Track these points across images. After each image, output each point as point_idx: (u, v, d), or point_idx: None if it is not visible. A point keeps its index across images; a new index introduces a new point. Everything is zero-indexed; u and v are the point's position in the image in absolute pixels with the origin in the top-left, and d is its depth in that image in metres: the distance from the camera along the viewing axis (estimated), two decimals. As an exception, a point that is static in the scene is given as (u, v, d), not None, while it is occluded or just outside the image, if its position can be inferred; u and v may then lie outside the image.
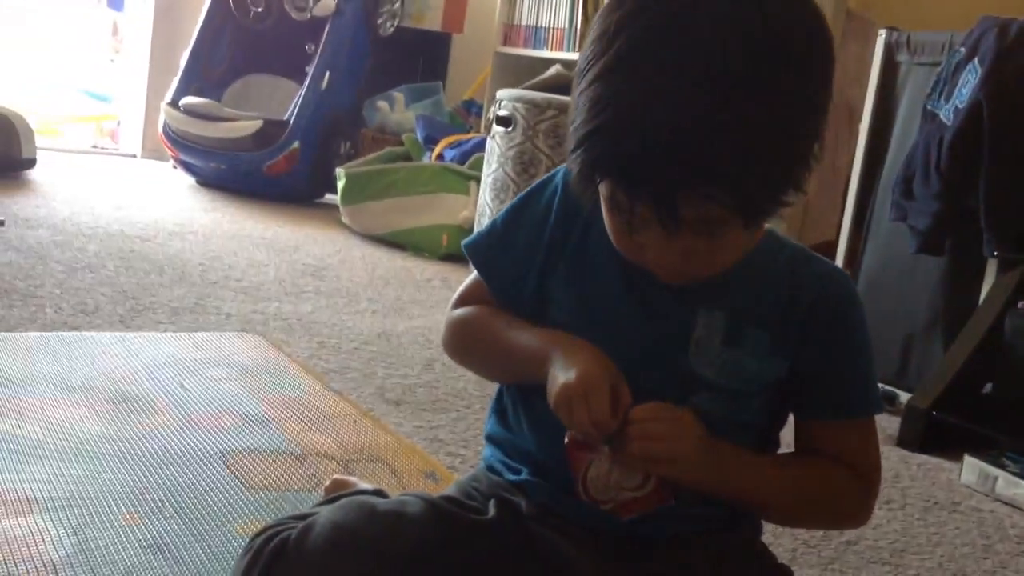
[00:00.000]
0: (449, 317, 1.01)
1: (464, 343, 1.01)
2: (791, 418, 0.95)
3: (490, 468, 0.99)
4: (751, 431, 0.91)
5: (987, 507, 1.72)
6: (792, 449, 0.94)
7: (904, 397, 2.17)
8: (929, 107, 2.17)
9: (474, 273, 1.00)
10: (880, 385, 2.23)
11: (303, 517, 0.91)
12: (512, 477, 0.94)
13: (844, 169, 3.86)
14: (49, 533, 1.09)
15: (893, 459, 1.90)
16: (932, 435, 1.97)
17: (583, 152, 0.76)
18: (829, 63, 0.76)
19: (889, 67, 2.38)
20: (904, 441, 1.99)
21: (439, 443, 1.59)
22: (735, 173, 0.72)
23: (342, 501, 0.92)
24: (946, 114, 2.12)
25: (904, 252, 2.25)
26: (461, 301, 1.01)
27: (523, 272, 0.94)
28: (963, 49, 2.12)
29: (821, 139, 0.76)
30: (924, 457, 1.94)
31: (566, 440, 0.86)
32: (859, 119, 2.93)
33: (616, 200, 0.77)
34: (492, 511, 0.92)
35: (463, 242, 1.01)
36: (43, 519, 1.12)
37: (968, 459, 1.81)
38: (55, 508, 1.15)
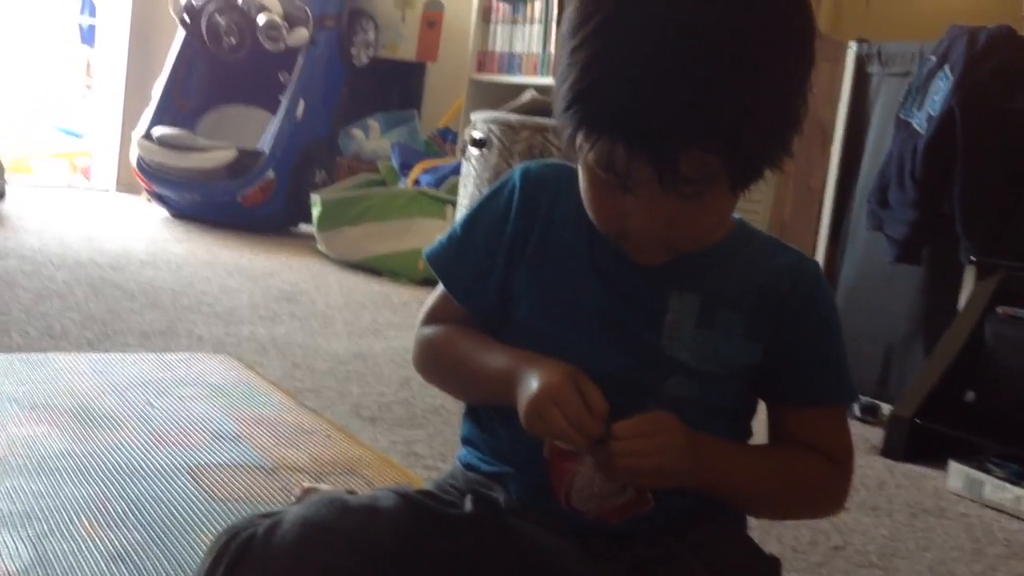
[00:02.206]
0: (418, 335, 0.99)
1: (433, 365, 0.99)
2: (762, 406, 0.93)
3: (467, 466, 0.96)
4: (725, 417, 0.89)
5: (974, 512, 1.69)
6: (764, 438, 0.92)
7: (886, 409, 2.15)
8: (902, 116, 2.18)
9: (440, 286, 0.97)
10: (861, 397, 2.23)
11: (270, 515, 0.87)
12: (489, 468, 0.91)
13: (818, 189, 3.87)
14: (6, 545, 1.05)
15: (878, 468, 1.88)
16: (916, 444, 1.95)
17: (579, 108, 0.74)
18: (812, 27, 0.76)
19: (860, 79, 2.39)
20: (888, 451, 1.96)
21: (416, 457, 1.55)
22: (737, 126, 0.71)
23: (312, 498, 0.88)
24: (919, 122, 2.12)
25: (881, 262, 2.24)
26: (430, 317, 0.98)
27: (485, 274, 0.92)
28: (934, 58, 2.13)
29: (807, 103, 0.75)
30: (909, 466, 1.92)
31: (546, 452, 0.83)
32: (832, 139, 2.94)
33: (611, 160, 0.74)
34: (469, 505, 0.89)
35: (424, 252, 0.98)
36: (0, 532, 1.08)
37: (954, 465, 1.79)
38: (13, 522, 1.11)
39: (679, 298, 0.86)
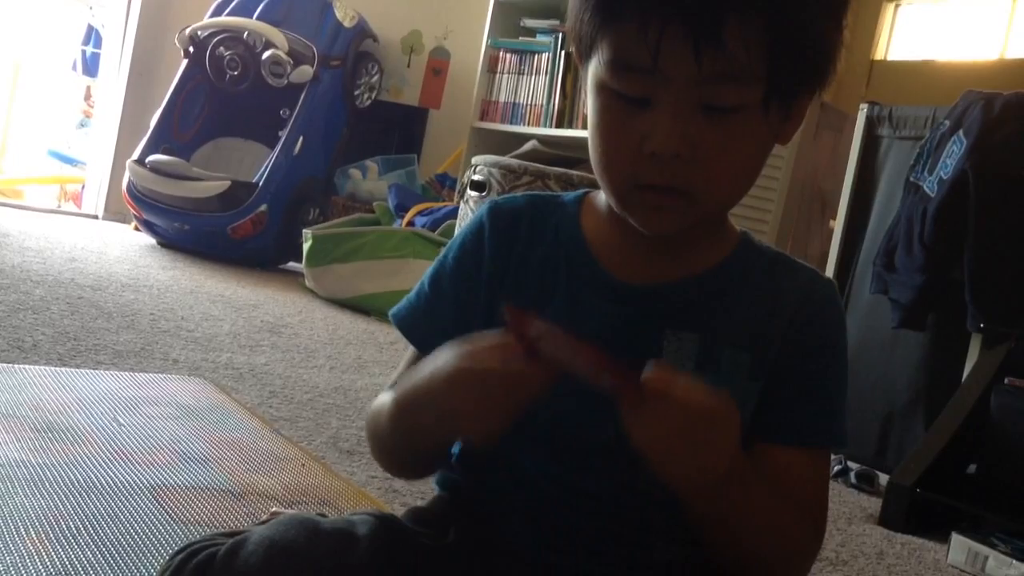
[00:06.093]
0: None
1: (370, 434, 0.85)
2: None
3: (452, 493, 0.88)
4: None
5: (978, 588, 1.61)
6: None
7: (883, 479, 2.07)
8: (912, 179, 2.14)
9: (407, 353, 0.86)
10: (858, 464, 2.14)
11: (234, 534, 0.79)
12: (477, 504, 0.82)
13: (816, 258, 3.83)
14: (-59, 554, 0.96)
15: (876, 537, 1.79)
16: (915, 515, 1.87)
17: None
18: None
19: (870, 141, 2.36)
20: (887, 520, 1.88)
21: (394, 493, 1.46)
22: (787, 8, 0.66)
23: (281, 518, 0.80)
24: (930, 186, 2.08)
25: (885, 327, 2.18)
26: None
27: (462, 323, 0.80)
28: (947, 122, 2.10)
29: (843, 42, 0.72)
30: (908, 537, 1.83)
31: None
32: (832, 210, 2.90)
33: (640, 41, 0.66)
34: (452, 535, 0.81)
35: (390, 312, 0.87)
36: (-63, 540, 0.98)
37: (956, 538, 1.71)
38: (-48, 529, 1.01)
39: (674, 338, 0.76)
